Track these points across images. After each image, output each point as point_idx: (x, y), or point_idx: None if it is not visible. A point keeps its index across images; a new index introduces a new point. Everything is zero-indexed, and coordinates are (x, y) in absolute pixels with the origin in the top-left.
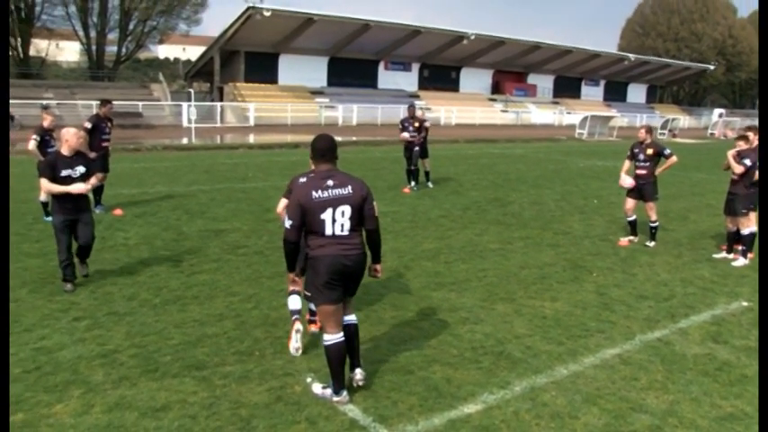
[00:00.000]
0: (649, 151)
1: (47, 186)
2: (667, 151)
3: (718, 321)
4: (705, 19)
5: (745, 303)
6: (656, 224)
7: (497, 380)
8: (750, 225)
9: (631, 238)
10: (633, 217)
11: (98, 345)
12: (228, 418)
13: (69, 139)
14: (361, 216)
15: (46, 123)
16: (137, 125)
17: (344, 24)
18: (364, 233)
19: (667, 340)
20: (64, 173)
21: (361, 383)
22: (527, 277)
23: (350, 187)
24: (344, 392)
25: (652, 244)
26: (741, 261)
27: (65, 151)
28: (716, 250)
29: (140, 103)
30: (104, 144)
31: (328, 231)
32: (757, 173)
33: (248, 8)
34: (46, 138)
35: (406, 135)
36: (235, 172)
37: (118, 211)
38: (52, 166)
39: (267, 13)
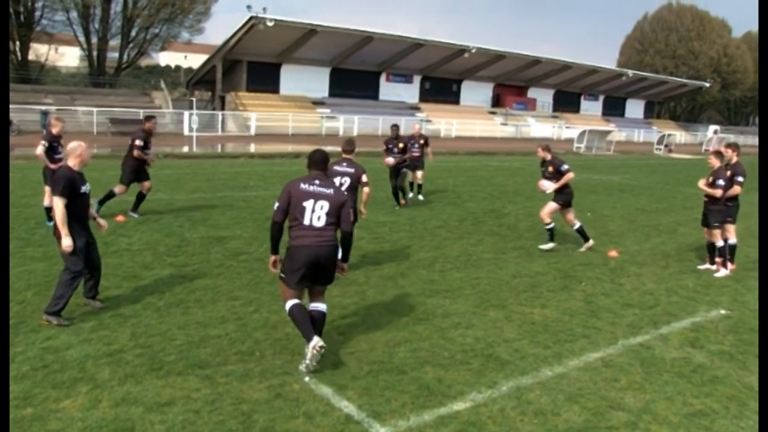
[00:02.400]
0: (550, 168)
1: (62, 212)
2: (564, 167)
3: (696, 328)
4: (702, 37)
5: (723, 312)
6: (551, 225)
7: (486, 380)
8: (728, 236)
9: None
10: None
11: (104, 344)
12: (230, 413)
13: (83, 154)
14: (338, 216)
15: (55, 130)
16: None
17: (347, 36)
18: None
19: (648, 345)
20: (83, 189)
21: (315, 347)
22: (519, 285)
23: (332, 190)
24: (315, 337)
25: (549, 245)
26: (722, 272)
27: (78, 167)
28: (702, 262)
29: (141, 111)
30: (148, 160)
31: (306, 221)
32: (737, 188)
33: (251, 18)
34: (54, 144)
35: (391, 161)
36: (236, 181)
37: (120, 218)
38: (72, 185)
39: (270, 24)
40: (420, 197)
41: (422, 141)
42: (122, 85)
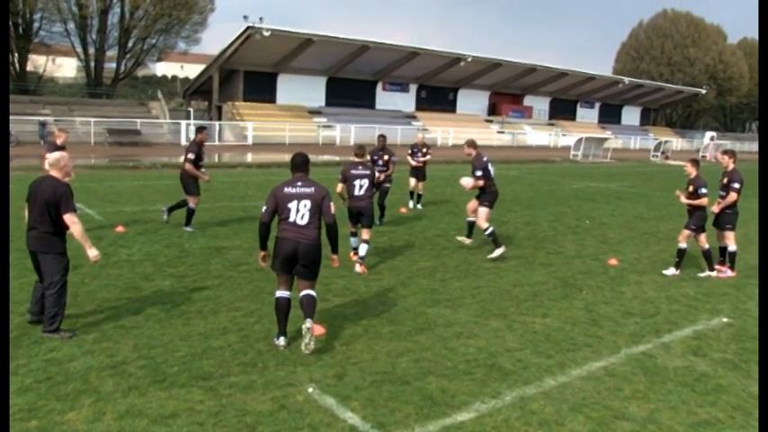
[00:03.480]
0: (471, 168)
1: (80, 226)
2: (477, 173)
3: (699, 336)
4: (697, 44)
5: (725, 319)
6: (489, 230)
7: (489, 390)
8: (727, 244)
9: (467, 240)
10: (472, 218)
11: (107, 356)
12: (235, 425)
13: (67, 165)
14: (320, 211)
15: (59, 141)
16: (135, 143)
17: (343, 45)
18: (324, 229)
19: (651, 354)
20: (76, 204)
21: (307, 328)
22: (519, 294)
23: (312, 188)
24: (282, 338)
25: (468, 241)
26: (705, 273)
27: (63, 178)
28: (701, 270)
29: (139, 121)
30: (201, 169)
31: (291, 218)
32: (733, 194)
33: (248, 28)
34: None
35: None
36: (234, 190)
37: (120, 228)
38: (71, 198)
39: (267, 33)
40: (419, 206)
41: (424, 150)
42: (119, 96)
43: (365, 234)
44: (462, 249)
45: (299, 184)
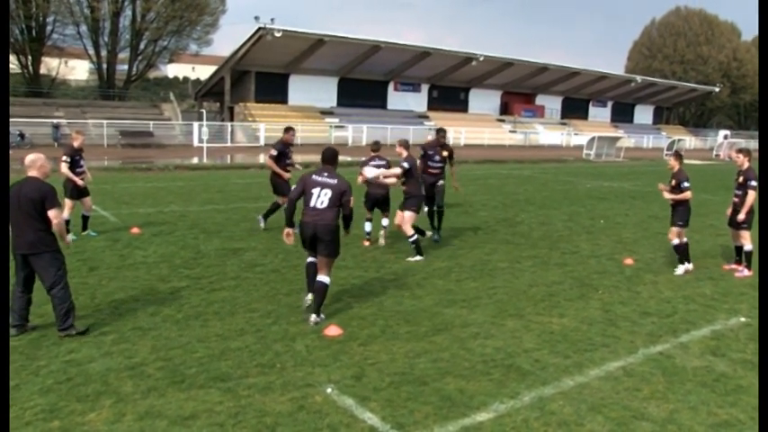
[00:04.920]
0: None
1: (62, 221)
2: (405, 164)
3: (717, 336)
4: (710, 42)
5: (743, 319)
6: (414, 237)
7: (507, 390)
8: (743, 243)
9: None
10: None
11: (125, 358)
12: (254, 426)
13: (45, 165)
14: (340, 201)
15: (77, 143)
16: (147, 144)
17: (354, 46)
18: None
19: (669, 354)
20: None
21: (312, 322)
22: (536, 295)
23: (336, 180)
24: (310, 295)
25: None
26: (680, 269)
27: (43, 178)
28: (718, 269)
29: (151, 123)
30: (289, 169)
31: (311, 203)
32: (752, 193)
33: (259, 29)
34: (76, 158)
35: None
36: (248, 192)
37: (135, 230)
38: (56, 194)
39: (278, 34)
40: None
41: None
42: (131, 98)
43: (385, 218)
44: (477, 250)
45: (326, 174)
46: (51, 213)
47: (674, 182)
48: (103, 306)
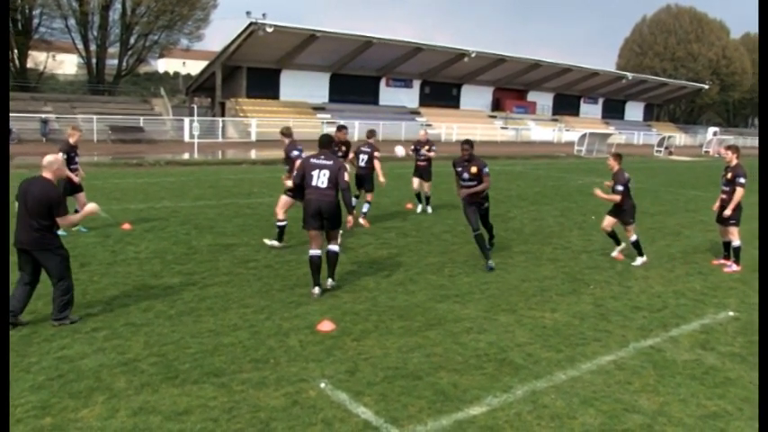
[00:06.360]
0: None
1: (71, 217)
2: (294, 153)
3: (706, 330)
4: (700, 39)
5: (731, 313)
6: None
7: (500, 384)
8: (731, 239)
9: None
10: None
11: (118, 353)
12: (249, 421)
13: (60, 169)
14: (337, 179)
15: (73, 140)
16: (138, 140)
17: (346, 41)
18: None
19: (659, 347)
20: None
21: (329, 286)
22: (528, 290)
23: (332, 161)
24: (317, 288)
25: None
26: (639, 261)
27: (55, 181)
28: (708, 264)
29: (141, 118)
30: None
31: (313, 183)
32: (740, 189)
33: (251, 24)
34: (72, 154)
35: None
36: (240, 187)
37: (126, 226)
38: (63, 201)
39: (270, 30)
40: (429, 209)
41: (427, 147)
42: (121, 93)
43: (368, 196)
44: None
45: (322, 157)
46: (58, 220)
47: (612, 182)
48: (95, 302)
